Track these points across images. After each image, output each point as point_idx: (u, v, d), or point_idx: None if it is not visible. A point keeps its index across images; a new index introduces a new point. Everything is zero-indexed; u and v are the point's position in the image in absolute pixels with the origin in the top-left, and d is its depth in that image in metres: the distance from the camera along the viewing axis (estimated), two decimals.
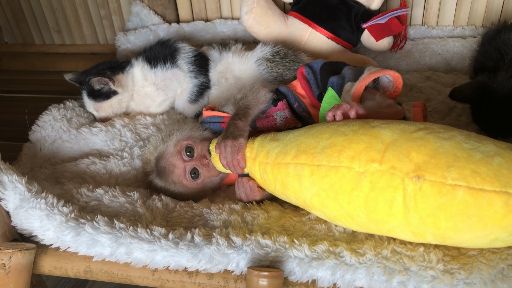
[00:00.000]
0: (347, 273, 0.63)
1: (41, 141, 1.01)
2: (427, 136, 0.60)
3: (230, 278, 0.67)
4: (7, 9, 1.61)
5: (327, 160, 0.64)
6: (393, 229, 0.62)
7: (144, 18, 1.46)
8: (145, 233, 0.69)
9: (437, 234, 0.59)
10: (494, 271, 0.58)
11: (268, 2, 1.25)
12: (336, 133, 0.66)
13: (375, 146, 0.61)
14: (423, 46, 1.29)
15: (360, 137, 0.63)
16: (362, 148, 0.62)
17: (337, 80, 0.81)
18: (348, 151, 0.63)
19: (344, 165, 0.62)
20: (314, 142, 0.67)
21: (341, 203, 0.63)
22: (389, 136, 0.62)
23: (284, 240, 0.66)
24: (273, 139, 0.73)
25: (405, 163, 0.59)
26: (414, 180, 0.58)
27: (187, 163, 0.83)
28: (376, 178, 0.60)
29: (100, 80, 1.05)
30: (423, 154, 0.59)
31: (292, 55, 1.07)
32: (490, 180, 0.55)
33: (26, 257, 0.70)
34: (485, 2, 1.28)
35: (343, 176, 0.62)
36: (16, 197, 0.74)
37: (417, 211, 0.58)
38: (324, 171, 0.64)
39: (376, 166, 0.60)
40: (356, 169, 0.61)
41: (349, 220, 0.65)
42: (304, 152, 0.67)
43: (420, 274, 0.60)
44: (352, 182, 0.62)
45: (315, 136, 0.68)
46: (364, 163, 0.61)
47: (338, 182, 0.63)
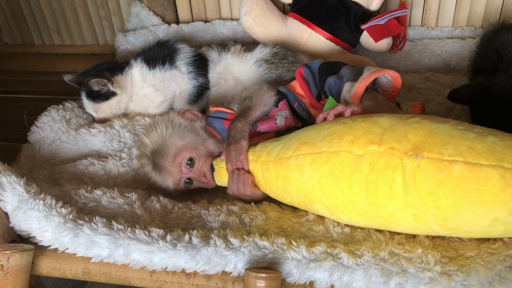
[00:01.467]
0: (344, 274, 0.63)
1: (40, 142, 1.01)
2: (423, 121, 0.64)
3: (228, 280, 0.67)
4: (7, 9, 1.61)
5: (327, 146, 0.66)
6: (394, 214, 0.62)
7: (143, 19, 1.46)
8: (143, 235, 0.69)
9: (438, 215, 0.60)
10: (492, 273, 0.58)
11: (267, 3, 1.25)
12: (336, 123, 0.69)
13: (374, 130, 0.64)
14: (422, 47, 1.29)
15: (359, 124, 0.66)
16: (361, 133, 0.64)
17: (335, 80, 0.81)
18: (347, 136, 0.65)
19: (344, 149, 0.65)
20: (315, 133, 0.69)
21: (342, 188, 0.65)
22: (387, 122, 0.65)
23: (282, 241, 0.66)
24: (276, 140, 0.76)
25: (403, 143, 0.61)
26: (412, 158, 0.60)
27: (184, 174, 0.84)
28: (375, 159, 0.62)
29: (99, 81, 1.05)
30: (420, 135, 0.61)
31: (291, 56, 1.07)
32: (485, 155, 0.58)
33: (24, 258, 0.70)
34: (484, 3, 1.28)
35: (343, 160, 0.64)
36: (15, 198, 0.74)
37: (416, 190, 0.60)
38: (325, 157, 0.66)
39: (375, 148, 0.62)
40: (356, 152, 0.64)
41: (350, 208, 0.65)
42: (306, 143, 0.69)
43: (417, 276, 0.60)
44: (352, 166, 0.64)
45: (315, 128, 0.70)
46: (364, 145, 0.63)
47: (339, 167, 0.65)
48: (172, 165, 0.83)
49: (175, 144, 0.83)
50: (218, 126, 0.88)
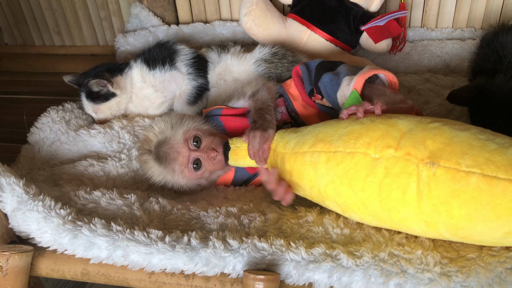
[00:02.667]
0: (344, 275, 0.63)
1: (39, 143, 1.01)
2: (443, 127, 0.62)
3: (227, 281, 0.67)
4: (7, 10, 1.62)
5: (343, 146, 0.65)
6: (406, 219, 0.62)
7: (143, 20, 1.46)
8: (142, 236, 0.69)
9: (450, 224, 0.59)
10: (492, 275, 0.58)
11: (267, 4, 1.25)
12: (354, 122, 0.67)
13: (392, 134, 0.63)
14: (422, 48, 1.29)
15: (377, 126, 0.65)
16: (379, 135, 0.63)
17: (331, 76, 0.81)
18: (364, 138, 0.64)
19: (360, 151, 0.64)
20: (332, 130, 0.69)
21: (355, 189, 0.64)
22: (406, 125, 0.63)
23: (280, 243, 0.66)
24: (293, 131, 0.76)
25: (420, 150, 0.60)
26: (428, 166, 0.59)
27: (192, 152, 0.83)
28: (391, 164, 0.61)
29: (99, 82, 1.05)
30: (438, 142, 0.60)
31: (291, 55, 1.07)
32: (504, 168, 0.55)
33: (23, 259, 0.70)
34: (484, 4, 1.28)
35: (359, 162, 0.64)
36: (14, 199, 0.74)
37: (430, 198, 0.59)
38: (340, 157, 0.65)
39: (392, 152, 0.62)
40: (372, 155, 0.63)
41: (362, 209, 0.65)
42: (322, 140, 0.69)
43: (417, 276, 0.60)
44: (367, 168, 0.63)
45: (333, 126, 0.69)
46: (380, 149, 0.62)
47: (353, 168, 0.64)
48: (179, 144, 0.82)
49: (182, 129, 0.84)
50: (215, 122, 0.89)
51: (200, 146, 0.83)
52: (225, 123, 0.89)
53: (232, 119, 0.89)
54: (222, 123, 0.88)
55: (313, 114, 0.89)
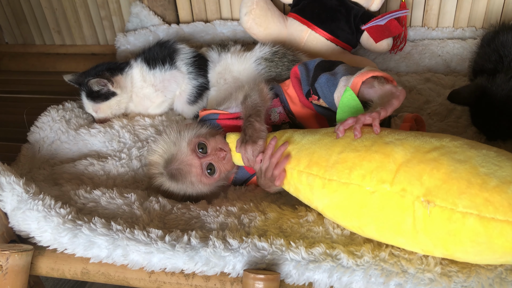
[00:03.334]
0: (344, 275, 0.63)
1: (39, 142, 1.01)
2: (441, 158, 0.59)
3: (227, 281, 0.67)
4: (8, 9, 1.61)
5: (337, 176, 0.64)
6: (403, 244, 0.63)
7: (144, 19, 1.46)
8: (141, 235, 0.69)
9: (447, 254, 0.59)
10: (492, 275, 0.58)
11: (268, 3, 1.25)
12: (349, 148, 0.65)
13: (387, 166, 0.61)
14: (422, 47, 1.28)
15: (372, 155, 0.63)
16: (374, 167, 0.62)
17: (327, 77, 0.80)
18: (359, 169, 0.63)
19: (355, 183, 0.63)
20: (326, 154, 0.67)
21: (351, 217, 0.64)
22: (402, 155, 0.61)
23: (280, 242, 0.66)
24: (290, 142, 0.74)
25: (416, 186, 0.58)
26: (424, 205, 0.57)
27: (203, 159, 0.81)
28: (386, 199, 0.60)
29: (99, 81, 1.05)
30: (435, 178, 0.57)
31: (291, 54, 1.07)
32: (503, 209, 0.53)
33: (23, 258, 0.70)
34: (485, 4, 1.27)
35: (353, 193, 0.63)
36: (14, 198, 0.74)
37: (425, 233, 0.58)
38: (335, 186, 0.65)
39: (387, 187, 0.60)
40: (367, 188, 0.62)
41: (360, 232, 0.66)
42: (316, 163, 0.68)
43: (417, 276, 0.60)
44: (362, 200, 0.62)
45: (327, 148, 0.68)
46: (375, 183, 0.61)
47: (348, 198, 0.64)
48: (187, 157, 0.81)
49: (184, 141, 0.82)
50: (213, 126, 0.89)
51: (207, 151, 0.82)
52: (223, 125, 0.89)
53: (229, 121, 0.89)
54: (220, 125, 0.88)
55: (310, 116, 0.88)
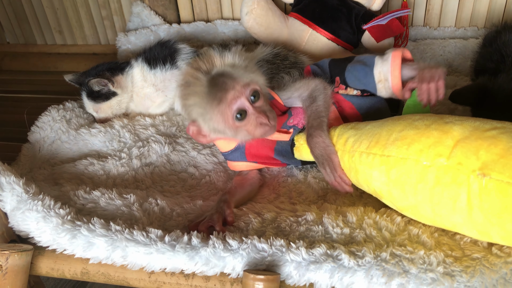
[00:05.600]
0: (345, 275, 0.62)
1: (40, 142, 1.01)
2: (500, 136, 0.59)
3: (227, 281, 0.67)
4: (9, 9, 1.62)
5: (396, 151, 0.65)
6: (458, 225, 0.62)
7: (145, 19, 1.46)
8: (141, 236, 0.69)
9: (503, 235, 0.58)
10: (497, 276, 0.58)
11: (269, 3, 1.25)
12: (409, 126, 0.67)
13: (445, 142, 0.62)
14: (424, 47, 1.28)
15: (431, 132, 0.64)
16: (431, 143, 0.63)
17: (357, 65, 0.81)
18: (417, 144, 0.64)
19: (412, 158, 0.64)
20: (387, 134, 0.69)
21: (407, 194, 0.64)
22: (460, 133, 0.62)
23: (280, 243, 0.66)
24: (352, 127, 0.76)
25: (472, 160, 0.59)
26: (479, 178, 0.57)
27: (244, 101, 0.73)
28: (441, 173, 0.61)
29: (99, 81, 1.06)
30: (492, 153, 0.58)
31: (293, 56, 1.06)
32: None
33: (23, 258, 0.70)
34: (487, 3, 1.27)
35: (410, 168, 0.64)
36: (14, 198, 0.74)
37: (481, 209, 0.58)
38: (393, 162, 0.66)
39: (443, 161, 0.61)
40: (424, 162, 0.62)
41: (415, 213, 0.66)
42: (377, 142, 0.69)
43: (419, 276, 0.60)
44: (418, 175, 0.63)
45: (389, 128, 0.69)
46: (432, 157, 0.62)
47: (405, 174, 0.64)
48: (239, 84, 0.72)
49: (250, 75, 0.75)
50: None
51: (255, 102, 0.74)
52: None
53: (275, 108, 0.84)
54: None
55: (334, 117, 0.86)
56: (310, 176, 0.87)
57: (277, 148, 0.86)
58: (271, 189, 0.86)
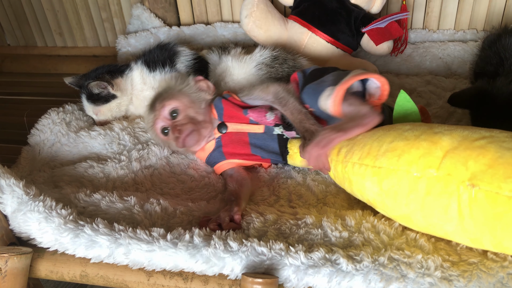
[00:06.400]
0: (343, 280, 0.62)
1: (40, 144, 1.01)
2: (489, 145, 0.59)
3: (225, 284, 0.67)
4: (10, 11, 1.62)
5: (387, 163, 0.66)
6: (450, 233, 0.63)
7: (145, 21, 1.46)
8: (144, 234, 0.69)
9: (495, 243, 0.59)
10: (494, 280, 0.58)
11: (268, 6, 1.25)
12: (399, 137, 0.68)
13: (434, 153, 0.63)
14: (423, 50, 1.28)
15: (420, 143, 0.65)
16: (421, 154, 0.64)
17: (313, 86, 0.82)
18: (407, 156, 0.65)
19: (403, 169, 0.64)
20: (378, 144, 0.69)
21: (400, 204, 0.65)
22: (449, 143, 0.62)
23: (280, 247, 0.66)
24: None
25: (462, 171, 0.59)
26: (469, 188, 0.58)
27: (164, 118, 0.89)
28: (432, 183, 0.61)
29: (99, 84, 1.06)
30: (481, 164, 0.58)
31: (291, 60, 1.06)
32: None
33: (22, 261, 0.70)
34: (486, 6, 1.27)
35: (402, 179, 0.64)
36: (14, 200, 0.74)
37: (472, 218, 0.58)
38: (384, 173, 0.66)
39: (433, 172, 0.62)
40: (414, 173, 0.63)
41: (409, 222, 0.67)
42: (368, 153, 0.70)
43: (417, 281, 0.60)
44: (409, 185, 0.64)
45: (379, 139, 0.70)
46: (422, 168, 0.63)
47: (397, 185, 0.65)
48: (159, 105, 0.89)
49: (174, 93, 0.90)
50: (217, 103, 0.91)
51: (175, 119, 0.88)
52: (225, 106, 0.91)
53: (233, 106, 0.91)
54: (222, 105, 0.90)
55: None
56: (309, 179, 0.87)
57: (252, 142, 0.89)
58: (271, 190, 0.86)
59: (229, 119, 0.90)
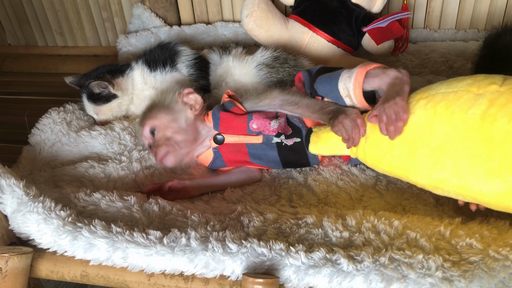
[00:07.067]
0: (344, 280, 0.62)
1: (40, 144, 1.01)
2: None
3: (226, 284, 0.67)
4: (10, 11, 1.62)
5: (445, 87, 0.67)
6: (509, 155, 0.60)
7: (145, 21, 1.46)
8: (141, 238, 0.69)
9: None
10: (495, 280, 0.58)
11: (269, 5, 1.25)
12: (455, 78, 0.68)
13: (495, 77, 0.64)
14: (424, 49, 1.28)
15: (478, 75, 0.66)
16: (482, 78, 0.65)
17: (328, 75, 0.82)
18: (467, 80, 0.66)
19: (463, 89, 0.65)
20: (430, 85, 0.70)
21: (455, 124, 0.63)
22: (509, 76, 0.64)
23: (280, 247, 0.66)
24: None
25: None
26: None
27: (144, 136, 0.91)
28: (495, 96, 0.62)
29: (100, 83, 1.06)
30: None
31: (292, 60, 1.06)
32: None
33: (22, 261, 0.70)
34: (487, 5, 1.27)
35: (461, 97, 0.64)
36: (14, 201, 0.74)
37: None
38: (441, 97, 0.66)
39: (496, 88, 0.62)
40: (475, 92, 0.63)
41: (459, 148, 0.63)
42: (420, 92, 0.70)
43: (418, 281, 0.60)
44: (469, 102, 0.63)
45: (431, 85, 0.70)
46: (484, 86, 0.63)
47: (455, 103, 0.64)
48: (141, 123, 0.92)
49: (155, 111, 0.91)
50: (215, 112, 0.89)
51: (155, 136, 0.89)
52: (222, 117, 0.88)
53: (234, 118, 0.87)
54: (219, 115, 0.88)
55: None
56: (311, 179, 0.87)
57: (250, 152, 0.88)
58: (273, 190, 0.86)
59: (226, 130, 0.88)
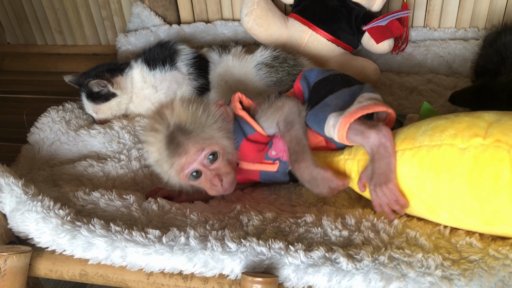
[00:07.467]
0: (343, 279, 0.62)
1: (39, 143, 1.01)
2: None
3: (225, 283, 0.67)
4: (9, 9, 1.62)
5: (429, 140, 0.64)
6: (500, 209, 0.60)
7: (145, 19, 1.46)
8: (140, 237, 0.69)
9: None
10: (495, 279, 0.58)
11: (269, 4, 1.25)
12: (438, 118, 0.67)
13: (478, 124, 0.61)
14: (424, 48, 1.28)
15: (462, 118, 0.63)
16: (465, 127, 0.62)
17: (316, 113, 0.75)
18: (450, 130, 0.63)
19: (447, 143, 0.62)
20: (415, 129, 0.67)
21: (443, 181, 0.62)
22: (492, 116, 0.62)
23: (279, 246, 0.65)
24: None
25: (510, 136, 0.58)
26: None
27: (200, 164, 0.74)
28: (479, 152, 0.59)
29: (99, 82, 1.05)
30: None
31: (292, 59, 1.06)
32: None
33: (21, 260, 0.70)
34: (488, 4, 1.27)
35: (445, 153, 0.62)
36: (13, 199, 0.74)
37: None
38: (425, 151, 0.64)
39: (480, 141, 0.60)
40: (459, 145, 0.61)
41: (451, 204, 0.63)
42: (404, 139, 0.67)
43: (417, 280, 0.59)
44: (454, 158, 0.61)
45: (415, 126, 0.68)
46: (467, 138, 0.61)
47: (440, 160, 0.63)
48: (194, 147, 0.72)
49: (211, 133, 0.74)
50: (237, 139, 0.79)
51: (214, 162, 0.74)
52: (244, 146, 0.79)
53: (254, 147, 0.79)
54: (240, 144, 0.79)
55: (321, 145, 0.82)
56: None
57: (262, 177, 0.84)
58: (272, 189, 0.86)
59: (242, 158, 0.81)
